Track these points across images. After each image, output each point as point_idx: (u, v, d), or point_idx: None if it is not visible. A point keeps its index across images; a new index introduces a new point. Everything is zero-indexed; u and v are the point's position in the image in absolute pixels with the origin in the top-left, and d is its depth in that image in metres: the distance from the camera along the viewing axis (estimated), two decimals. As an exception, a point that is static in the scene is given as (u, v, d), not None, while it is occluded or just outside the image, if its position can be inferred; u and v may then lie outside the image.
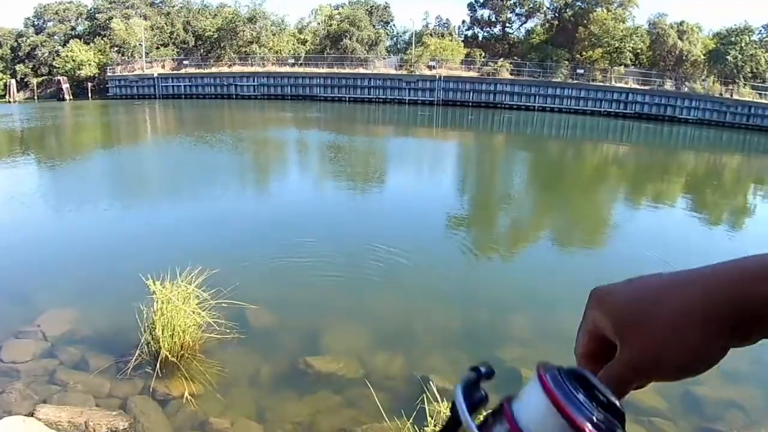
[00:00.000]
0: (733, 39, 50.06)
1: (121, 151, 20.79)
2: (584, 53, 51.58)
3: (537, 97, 46.93)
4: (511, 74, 49.18)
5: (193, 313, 5.15)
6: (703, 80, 50.07)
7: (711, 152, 30.66)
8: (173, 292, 5.02)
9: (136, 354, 5.03)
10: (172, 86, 44.60)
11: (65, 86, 40.55)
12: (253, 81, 46.53)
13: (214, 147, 20.96)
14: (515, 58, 52.14)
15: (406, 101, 47.07)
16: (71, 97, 40.69)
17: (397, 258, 8.58)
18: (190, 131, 25.34)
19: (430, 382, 4.65)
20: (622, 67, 50.79)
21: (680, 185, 19.33)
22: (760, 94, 45.99)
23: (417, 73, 48.43)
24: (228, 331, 5.47)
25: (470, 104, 46.96)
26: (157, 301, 5.00)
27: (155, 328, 5.01)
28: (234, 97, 45.58)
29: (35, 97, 40.76)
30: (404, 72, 49.37)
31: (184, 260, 5.56)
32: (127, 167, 17.34)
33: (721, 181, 21.01)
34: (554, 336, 6.44)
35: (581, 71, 49.71)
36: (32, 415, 4.06)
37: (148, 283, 4.96)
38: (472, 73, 50.26)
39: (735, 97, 45.05)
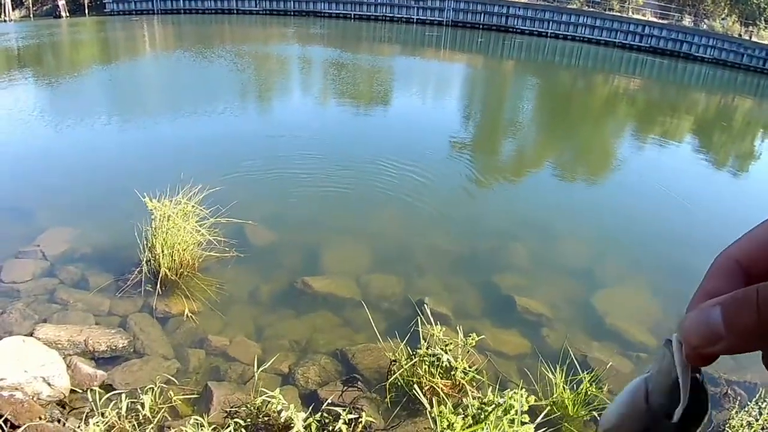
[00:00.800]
0: (759, -22, 47.33)
1: (119, 68, 20.20)
2: (603, -22, 48.91)
3: (550, 23, 45.02)
4: (525, -3, 46.93)
5: (193, 230, 5.17)
6: (723, 19, 47.80)
7: (724, 93, 29.80)
8: (173, 209, 5.01)
9: (136, 272, 5.10)
10: (171, 0, 42.84)
11: (61, 3, 38.96)
12: (255, -5, 44.59)
13: (213, 63, 20.34)
14: (531, -21, 49.53)
15: (414, 20, 45.22)
16: (68, 14, 39.25)
17: (398, 179, 8.55)
18: (190, 47, 24.50)
19: (425, 306, 4.74)
20: (641, -2, 48.33)
21: (689, 124, 18.93)
22: (779, 38, 44.07)
23: (427, -9, 46.19)
24: (227, 249, 5.52)
25: (481, 26, 45.13)
26: (156, 219, 5.00)
27: (155, 246, 5.04)
28: (235, 12, 43.82)
29: (31, 15, 39.28)
30: (414, -11, 47.07)
31: (183, 178, 5.52)
32: (126, 84, 16.92)
33: (731, 123, 20.55)
34: (552, 266, 6.52)
35: (598, -2, 47.39)
36: (32, 335, 4.13)
37: (146, 201, 4.93)
38: (485, -6, 47.96)
39: (754, 39, 43.17)
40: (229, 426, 3.38)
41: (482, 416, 3.18)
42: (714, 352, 0.28)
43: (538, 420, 3.33)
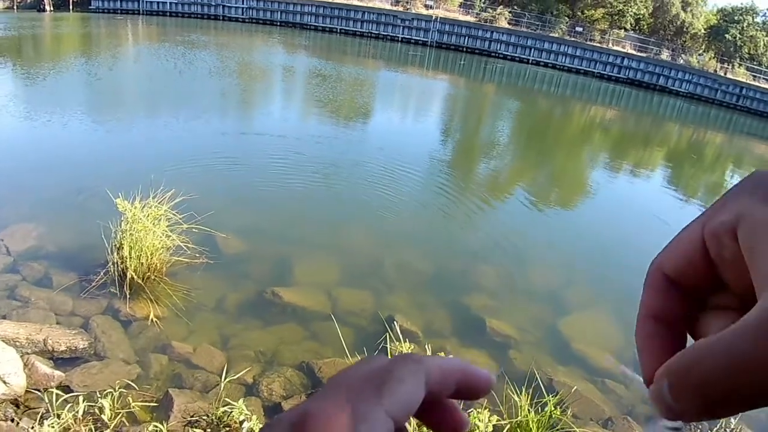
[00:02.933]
0: (736, 18, 49.45)
1: (98, 65, 19.89)
2: (586, 11, 50.34)
3: (532, 50, 46.04)
4: (509, 24, 47.96)
5: (163, 235, 5.07)
6: (700, 54, 49.62)
7: (697, 127, 30.78)
8: (143, 212, 4.92)
9: (102, 273, 4.98)
10: (157, 2, 42.48)
11: (46, -3, 38.47)
12: (242, 3, 44.55)
13: (195, 67, 20.20)
14: (515, 7, 50.65)
15: (399, 39, 45.74)
16: (52, 9, 38.68)
17: (374, 194, 8.57)
18: (172, 49, 24.30)
19: (395, 323, 4.73)
20: (622, 30, 49.90)
21: (661, 155, 19.48)
22: (754, 76, 45.89)
23: (413, 11, 46.81)
24: (197, 256, 5.44)
25: (464, 49, 45.87)
26: (126, 221, 4.90)
27: (122, 248, 4.93)
28: (221, 18, 43.71)
29: (15, 7, 38.57)
30: (400, 9, 47.68)
31: (158, 181, 5.43)
32: (105, 82, 16.64)
33: (701, 157, 21.21)
34: (522, 290, 6.59)
35: (580, 29, 48.71)
36: (-11, 331, 3.99)
37: (118, 202, 4.84)
38: (470, 18, 48.80)
39: (729, 75, 44.87)
40: (188, 435, 3.30)
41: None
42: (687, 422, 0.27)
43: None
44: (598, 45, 46.98)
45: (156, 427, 3.31)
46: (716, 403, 0.23)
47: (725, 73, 45.41)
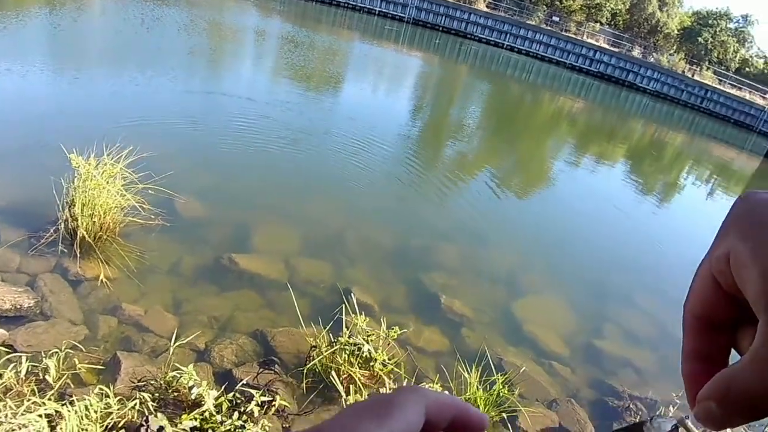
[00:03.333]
0: (710, 21, 50.66)
1: (62, 16, 18.90)
2: (564, 1, 50.63)
3: (508, 35, 46.14)
4: (487, 7, 47.83)
5: (118, 194, 4.91)
6: (671, 54, 50.74)
7: (660, 125, 31.63)
8: (98, 169, 4.73)
9: (52, 231, 4.79)
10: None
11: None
12: (216, -38, 42.98)
13: (164, 23, 19.43)
14: (495, -10, 50.54)
15: (376, 12, 45.06)
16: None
17: (341, 166, 8.52)
18: (141, 3, 23.27)
19: (352, 295, 4.75)
20: (598, 24, 50.49)
21: (623, 150, 19.96)
22: (720, 80, 47.31)
23: (393, -15, 46.10)
24: (153, 217, 5.29)
25: (441, 28, 45.60)
26: (79, 178, 4.71)
27: (74, 205, 4.75)
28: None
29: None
30: (379, -18, 46.85)
31: (116, 137, 5.24)
32: (68, 33, 15.83)
33: (662, 154, 21.84)
34: (479, 270, 6.70)
35: (557, 19, 49.01)
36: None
37: (71, 157, 4.64)
38: (450, -2, 48.50)
39: (696, 77, 46.09)
40: (135, 399, 3.25)
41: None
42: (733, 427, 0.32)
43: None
44: (573, 36, 47.41)
45: (102, 389, 3.24)
46: (754, 408, 0.28)
47: (693, 75, 46.64)
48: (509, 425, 3.99)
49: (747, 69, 54.64)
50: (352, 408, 0.31)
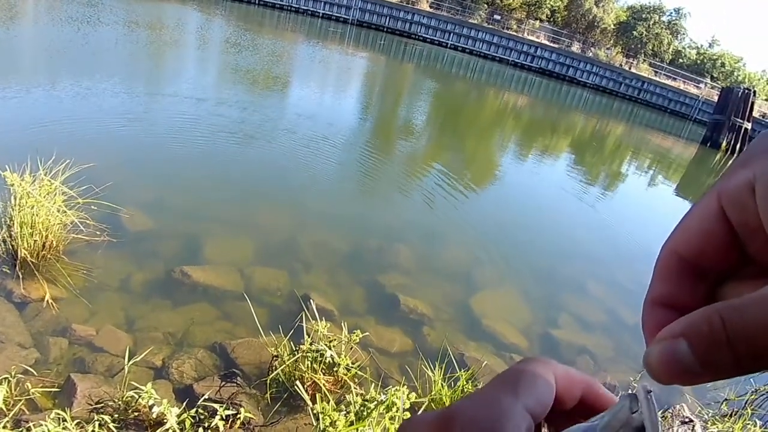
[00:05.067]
0: (644, 15, 53.14)
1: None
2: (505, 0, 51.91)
3: (451, 34, 46.92)
4: (430, 7, 48.45)
5: (58, 211, 4.69)
6: (608, 49, 52.91)
7: (600, 117, 32.91)
8: (34, 185, 4.51)
9: (-10, 251, 4.53)
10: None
11: None
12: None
13: (98, 28, 18.69)
14: (437, -10, 51.24)
15: (320, 15, 44.90)
16: None
17: (289, 171, 8.43)
18: (78, 10, 22.28)
19: (311, 301, 4.71)
20: (537, 21, 52.06)
21: (566, 142, 20.66)
22: (655, 72, 49.72)
23: (335, -13, 45.99)
24: (98, 233, 5.09)
25: (385, 29, 45.89)
26: (16, 195, 4.48)
27: (13, 224, 4.51)
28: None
29: None
30: (322, -16, 46.66)
31: (53, 151, 5.00)
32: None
33: (603, 145, 22.73)
34: (435, 268, 6.77)
35: (498, 17, 50.19)
36: None
37: (5, 174, 4.40)
38: (392, -2, 48.82)
39: (633, 70, 48.24)
40: (94, 421, 3.11)
41: (365, 413, 3.22)
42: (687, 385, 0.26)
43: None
44: (515, 34, 48.68)
45: (59, 414, 3.09)
46: (755, 358, 0.22)
47: (630, 68, 48.78)
48: (474, 419, 4.05)
49: (680, 60, 57.63)
50: (490, 383, 0.30)
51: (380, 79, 24.76)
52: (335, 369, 3.88)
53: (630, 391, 0.31)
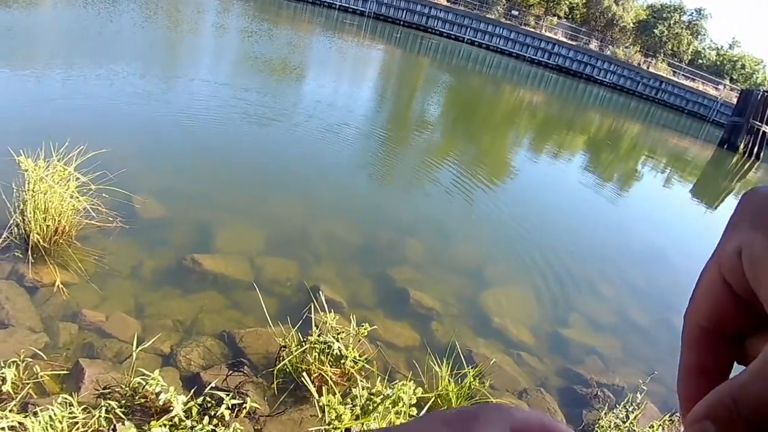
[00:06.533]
0: (664, 15, 52.42)
1: (12, 11, 18.05)
2: (523, -5, 51.45)
3: (468, 29, 46.59)
4: (447, 1, 48.12)
5: (71, 197, 4.71)
6: (627, 47, 52.24)
7: (617, 116, 32.51)
8: (48, 171, 4.53)
9: (3, 236, 4.56)
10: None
11: None
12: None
13: (119, 16, 18.80)
14: (454, -16, 50.88)
15: (337, 6, 44.80)
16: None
17: (304, 161, 8.42)
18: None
19: (320, 292, 4.70)
20: (556, 18, 51.50)
21: (582, 140, 20.43)
22: (674, 72, 49.03)
23: (353, -21, 45.84)
24: (111, 219, 5.11)
25: (401, 23, 45.70)
26: (29, 181, 4.50)
27: (26, 209, 4.54)
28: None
29: None
30: (339, -24, 46.54)
31: (68, 136, 5.02)
32: (18, 30, 15.13)
33: (619, 145, 22.46)
34: (446, 263, 6.73)
35: (516, 13, 49.73)
36: None
37: (20, 159, 4.42)
38: (409, -9, 48.56)
39: (651, 69, 47.60)
40: (101, 406, 3.13)
41: (371, 407, 3.20)
42: None
43: (423, 412, 3.41)
44: (532, 30, 48.20)
45: (66, 398, 3.11)
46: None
47: (648, 67, 48.13)
48: (481, 416, 4.02)
49: (700, 61, 56.81)
50: (430, 417, 0.29)
51: (396, 72, 24.66)
52: (342, 361, 3.87)
53: None
